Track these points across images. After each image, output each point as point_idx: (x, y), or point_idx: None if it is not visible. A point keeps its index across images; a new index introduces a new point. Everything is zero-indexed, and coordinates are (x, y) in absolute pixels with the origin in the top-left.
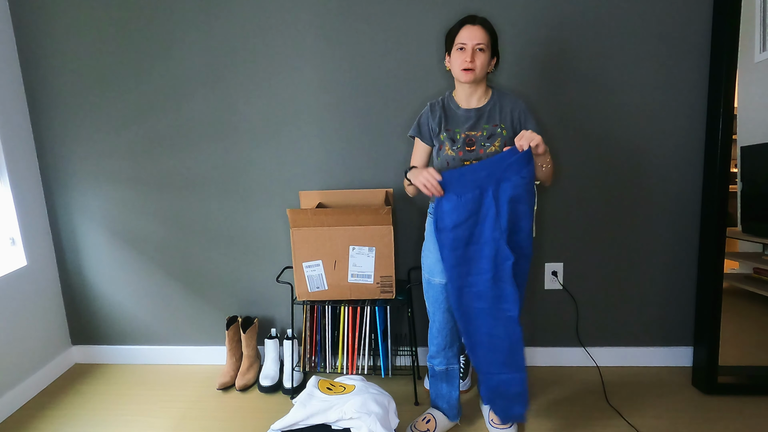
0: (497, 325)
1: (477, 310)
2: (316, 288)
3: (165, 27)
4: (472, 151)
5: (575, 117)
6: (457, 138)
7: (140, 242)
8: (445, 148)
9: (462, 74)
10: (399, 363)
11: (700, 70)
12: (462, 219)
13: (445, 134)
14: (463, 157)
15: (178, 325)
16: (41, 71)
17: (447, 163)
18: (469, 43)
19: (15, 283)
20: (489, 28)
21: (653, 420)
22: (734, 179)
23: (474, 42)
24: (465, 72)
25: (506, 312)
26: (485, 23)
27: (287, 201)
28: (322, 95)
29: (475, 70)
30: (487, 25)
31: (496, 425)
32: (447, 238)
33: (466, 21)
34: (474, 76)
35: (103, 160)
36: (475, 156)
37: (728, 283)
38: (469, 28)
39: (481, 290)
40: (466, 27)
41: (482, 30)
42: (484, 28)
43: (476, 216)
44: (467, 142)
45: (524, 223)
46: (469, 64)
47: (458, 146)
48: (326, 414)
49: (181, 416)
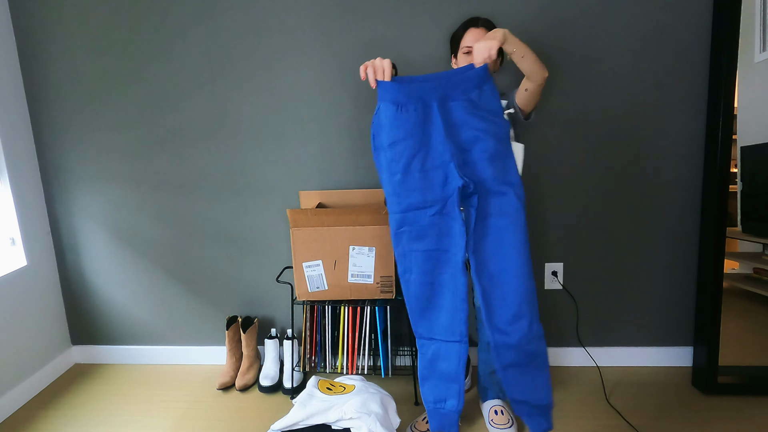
0: (442, 272)
1: (416, 252)
2: (316, 288)
3: (165, 27)
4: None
5: (575, 117)
6: None
7: (140, 242)
8: None
9: None
10: (399, 363)
11: (700, 70)
12: (400, 136)
13: None
14: None
15: (178, 325)
16: (41, 71)
17: None
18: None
19: (15, 283)
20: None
21: (653, 420)
22: (734, 179)
23: None
24: None
25: (452, 255)
26: (488, 24)
27: (287, 201)
28: (322, 95)
29: None
30: (491, 26)
31: (496, 425)
32: (384, 158)
33: (469, 24)
34: None
35: (103, 160)
36: None
37: (728, 283)
38: (473, 31)
39: (424, 227)
40: (471, 30)
41: (486, 32)
42: (488, 29)
43: (419, 136)
44: None
45: (499, 163)
46: None
47: None
48: (326, 414)
49: (181, 416)
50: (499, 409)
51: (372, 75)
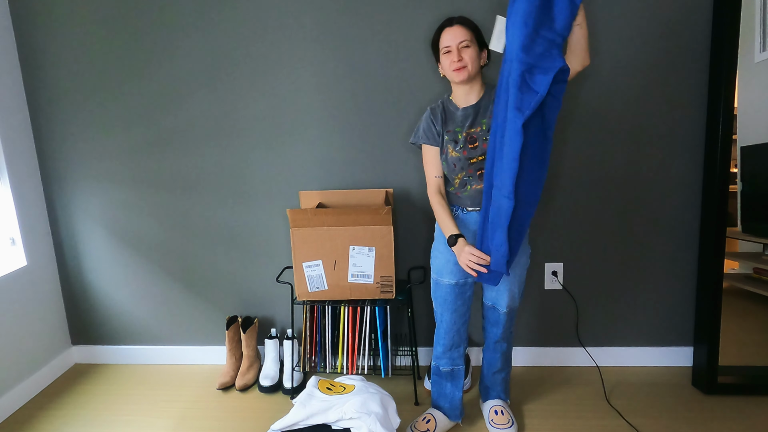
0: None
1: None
2: (316, 288)
3: (166, 28)
4: (475, 148)
5: (575, 117)
6: (458, 138)
7: (140, 242)
8: (449, 150)
9: (455, 74)
10: (399, 363)
11: (700, 70)
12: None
13: (447, 136)
14: (468, 155)
15: (178, 325)
16: (41, 71)
17: (454, 165)
18: (453, 44)
19: (15, 283)
20: (468, 24)
21: (653, 420)
22: (734, 179)
23: (457, 41)
24: (457, 72)
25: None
26: (463, 21)
27: (287, 201)
28: (322, 96)
29: (467, 67)
30: (466, 22)
31: (497, 425)
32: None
33: (443, 25)
34: (468, 72)
35: (103, 160)
36: (479, 153)
37: (728, 283)
38: (449, 30)
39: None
40: (446, 30)
41: (462, 28)
42: (463, 25)
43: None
44: (469, 140)
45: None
46: (458, 63)
47: (461, 146)
48: (326, 414)
49: (181, 416)
50: (500, 409)
51: (477, 268)
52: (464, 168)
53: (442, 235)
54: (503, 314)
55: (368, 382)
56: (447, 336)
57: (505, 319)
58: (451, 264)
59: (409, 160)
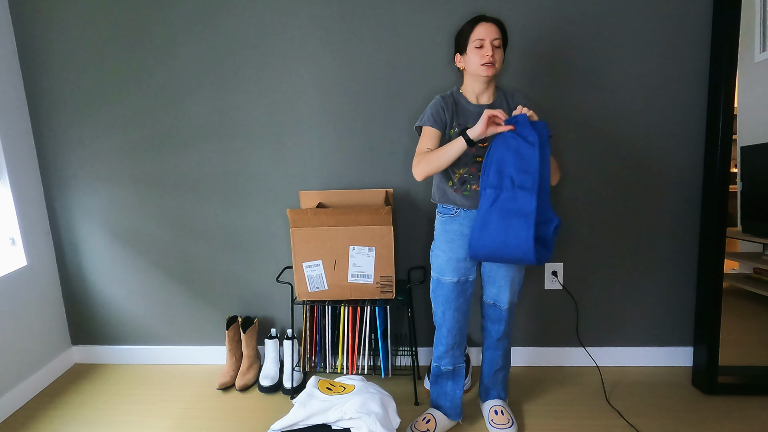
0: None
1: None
2: (316, 288)
3: (166, 28)
4: (484, 146)
5: (575, 117)
6: None
7: (140, 242)
8: None
9: (483, 69)
10: (399, 363)
11: (700, 70)
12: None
13: (457, 129)
14: (476, 153)
15: (178, 325)
16: (41, 71)
17: (459, 159)
18: (488, 39)
19: (15, 283)
20: (502, 27)
21: (653, 420)
22: (734, 179)
23: (492, 37)
24: (486, 66)
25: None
26: (498, 21)
27: (287, 201)
28: (323, 96)
29: (494, 64)
30: (500, 24)
31: (497, 425)
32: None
33: (480, 19)
34: (494, 70)
35: (103, 161)
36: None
37: (728, 283)
38: (485, 25)
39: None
40: (482, 24)
41: (497, 27)
42: (498, 25)
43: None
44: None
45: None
46: (489, 59)
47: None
48: (326, 414)
49: (181, 416)
50: (500, 409)
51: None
52: (468, 164)
53: (442, 233)
54: (505, 310)
55: (368, 382)
56: (449, 335)
57: (507, 315)
58: (452, 262)
59: (409, 160)
